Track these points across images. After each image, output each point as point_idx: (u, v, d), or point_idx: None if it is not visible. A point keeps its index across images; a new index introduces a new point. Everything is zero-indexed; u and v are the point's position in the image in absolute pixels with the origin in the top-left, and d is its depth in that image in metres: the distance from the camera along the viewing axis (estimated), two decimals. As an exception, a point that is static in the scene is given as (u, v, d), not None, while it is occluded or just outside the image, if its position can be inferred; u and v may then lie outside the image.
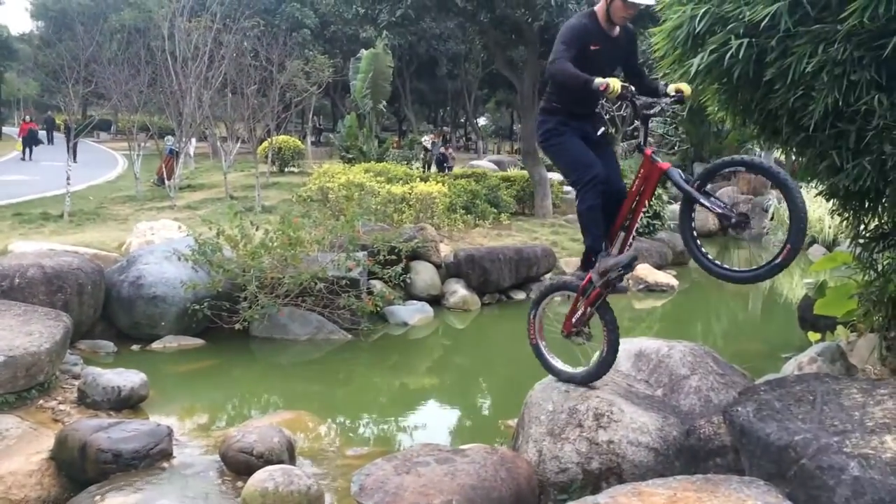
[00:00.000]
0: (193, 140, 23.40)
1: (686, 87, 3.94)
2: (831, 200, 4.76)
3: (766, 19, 3.86)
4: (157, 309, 7.71)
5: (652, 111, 3.77)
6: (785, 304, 12.01)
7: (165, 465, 4.54)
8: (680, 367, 4.42)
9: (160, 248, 8.46)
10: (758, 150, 23.34)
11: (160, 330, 7.73)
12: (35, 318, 5.99)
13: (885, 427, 3.04)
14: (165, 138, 20.66)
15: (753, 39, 3.88)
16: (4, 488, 4.29)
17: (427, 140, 24.00)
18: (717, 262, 3.66)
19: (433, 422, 6.42)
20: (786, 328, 10.04)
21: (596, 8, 3.95)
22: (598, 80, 3.59)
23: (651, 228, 14.11)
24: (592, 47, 3.84)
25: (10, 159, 26.51)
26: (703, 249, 3.68)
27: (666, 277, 12.17)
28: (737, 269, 3.77)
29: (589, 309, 4.06)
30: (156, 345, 7.65)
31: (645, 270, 12.19)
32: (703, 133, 25.15)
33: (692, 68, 4.56)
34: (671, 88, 3.96)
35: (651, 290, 11.81)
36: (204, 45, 16.89)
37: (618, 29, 3.93)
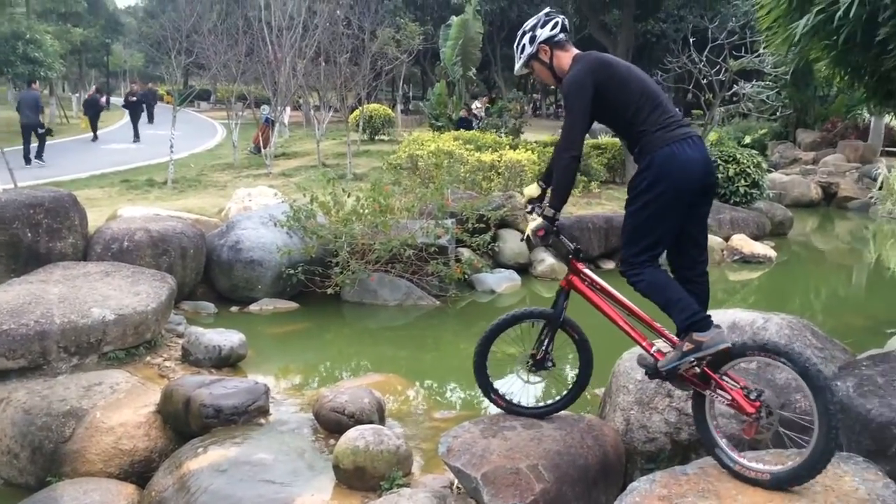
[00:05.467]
0: (288, 109, 23.91)
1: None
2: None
3: (880, -25, 3.65)
4: (255, 272, 7.99)
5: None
6: (891, 278, 11.42)
7: (262, 421, 4.74)
8: (776, 339, 4.27)
9: (257, 214, 8.74)
10: (867, 114, 22.01)
11: (257, 293, 8.02)
12: (142, 279, 6.32)
13: None
14: (261, 107, 21.23)
15: (865, -3, 3.68)
16: (115, 438, 4.55)
17: (477, 106, 22.34)
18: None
19: (519, 388, 6.44)
20: (892, 303, 9.56)
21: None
22: None
23: (749, 198, 13.63)
24: None
25: (117, 128, 27.78)
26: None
27: (763, 248, 11.75)
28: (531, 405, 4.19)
29: None
30: (253, 307, 7.94)
31: (741, 241, 11.81)
32: (807, 98, 23.82)
33: (797, 30, 4.35)
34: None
35: (747, 261, 11.44)
36: (298, 15, 17.17)
37: None
